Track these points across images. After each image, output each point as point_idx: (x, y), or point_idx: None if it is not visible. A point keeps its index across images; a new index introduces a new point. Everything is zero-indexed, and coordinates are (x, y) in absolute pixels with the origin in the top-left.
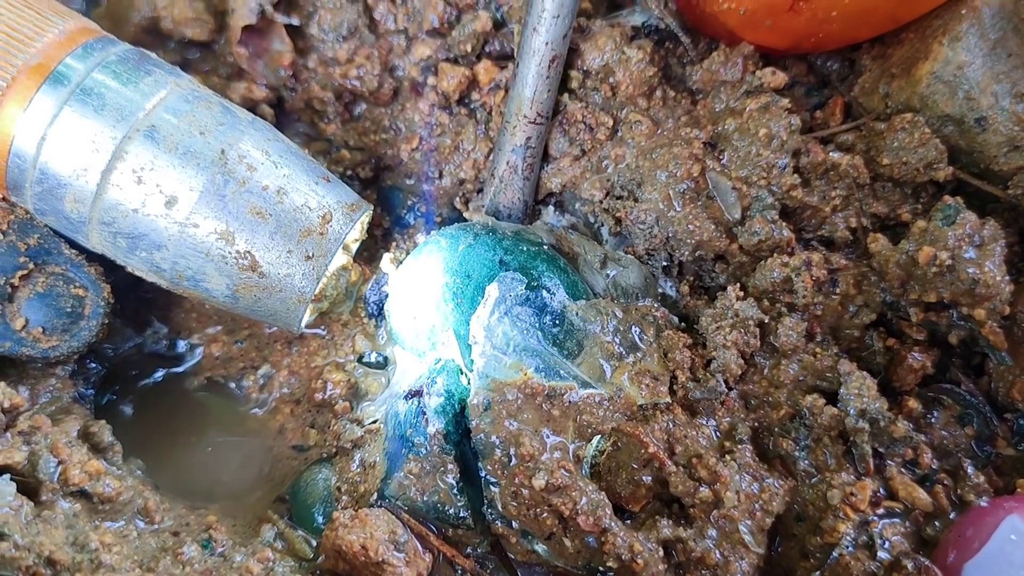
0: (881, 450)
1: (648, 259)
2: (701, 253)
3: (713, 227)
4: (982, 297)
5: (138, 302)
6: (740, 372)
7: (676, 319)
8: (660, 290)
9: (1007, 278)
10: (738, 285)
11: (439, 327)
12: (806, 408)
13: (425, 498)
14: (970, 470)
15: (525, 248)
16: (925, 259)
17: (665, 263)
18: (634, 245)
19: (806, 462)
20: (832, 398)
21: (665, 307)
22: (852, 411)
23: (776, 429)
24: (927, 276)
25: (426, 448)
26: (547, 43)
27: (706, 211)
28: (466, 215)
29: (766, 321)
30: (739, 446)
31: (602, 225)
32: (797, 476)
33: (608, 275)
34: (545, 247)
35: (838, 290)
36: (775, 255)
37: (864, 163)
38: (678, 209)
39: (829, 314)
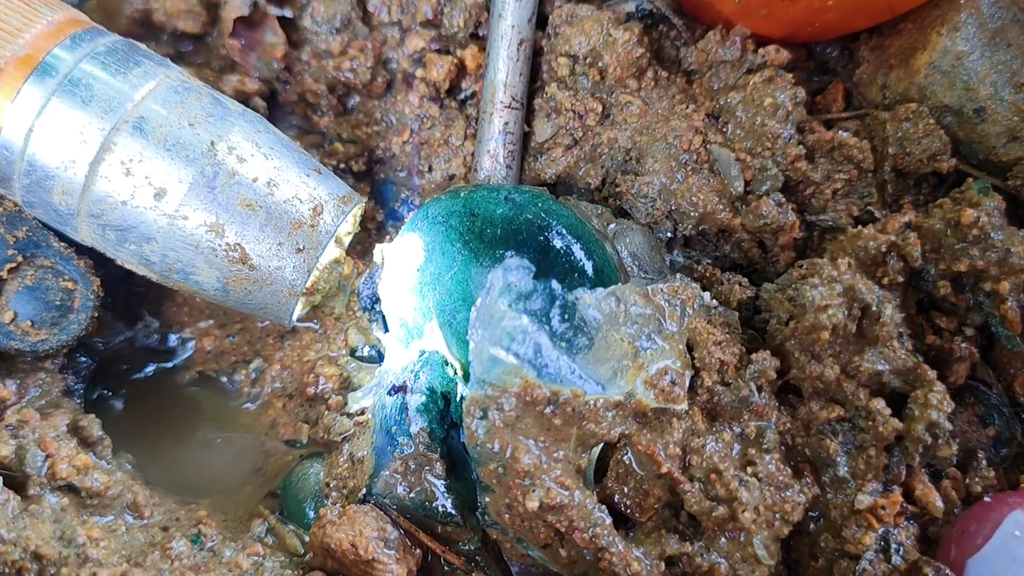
0: (918, 464)
1: (652, 230)
2: (704, 227)
3: (716, 200)
4: (1012, 269)
5: (129, 296)
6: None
7: (708, 296)
8: (668, 259)
9: None
10: (847, 259)
11: (440, 269)
12: (867, 413)
13: (412, 495)
14: (983, 464)
15: (527, 189)
16: (968, 219)
17: (670, 234)
18: (637, 219)
19: (844, 469)
20: (895, 402)
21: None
22: (923, 423)
23: (817, 429)
24: (961, 243)
25: (410, 447)
26: (513, 26)
27: (709, 184)
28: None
29: (874, 306)
30: (763, 455)
31: (601, 213)
32: (825, 482)
33: (616, 246)
34: (545, 193)
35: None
36: (868, 227)
37: (869, 149)
38: (680, 181)
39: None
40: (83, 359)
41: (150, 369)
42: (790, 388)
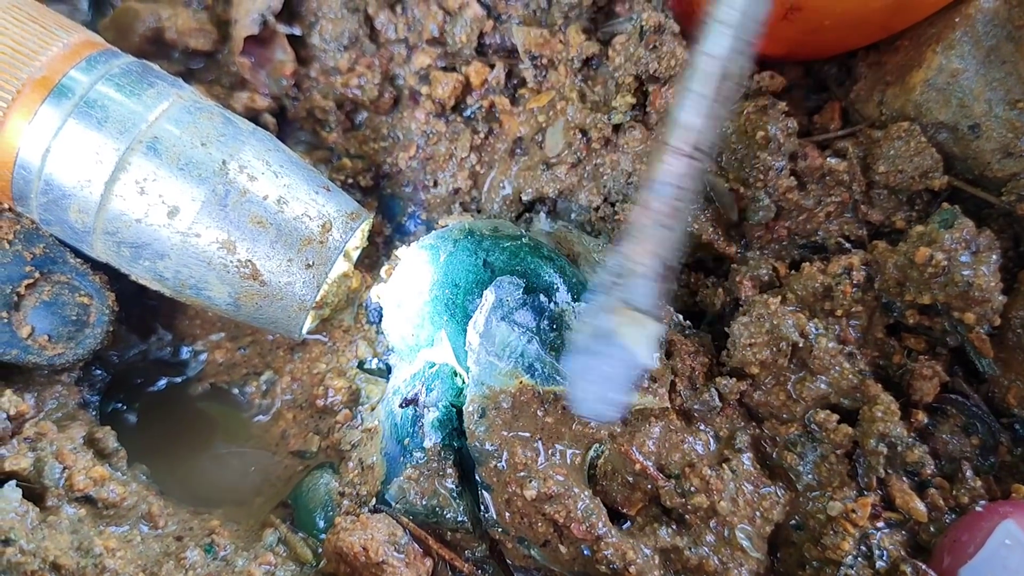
0: (891, 471)
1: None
2: (700, 255)
3: (711, 228)
4: (974, 301)
5: (143, 310)
6: (743, 388)
7: (682, 318)
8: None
9: (1000, 287)
10: (779, 297)
11: (431, 333)
12: (817, 425)
13: (424, 502)
14: (968, 474)
15: (507, 245)
16: (921, 258)
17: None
18: None
19: (810, 476)
20: (847, 416)
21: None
22: (873, 436)
23: (781, 441)
24: (922, 277)
25: (424, 455)
26: (715, 57)
27: (704, 212)
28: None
29: (801, 342)
30: (738, 455)
31: (600, 233)
32: (798, 489)
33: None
34: (525, 239)
35: (870, 293)
36: (812, 264)
37: (861, 170)
38: None
39: (863, 319)
40: (98, 372)
41: (163, 382)
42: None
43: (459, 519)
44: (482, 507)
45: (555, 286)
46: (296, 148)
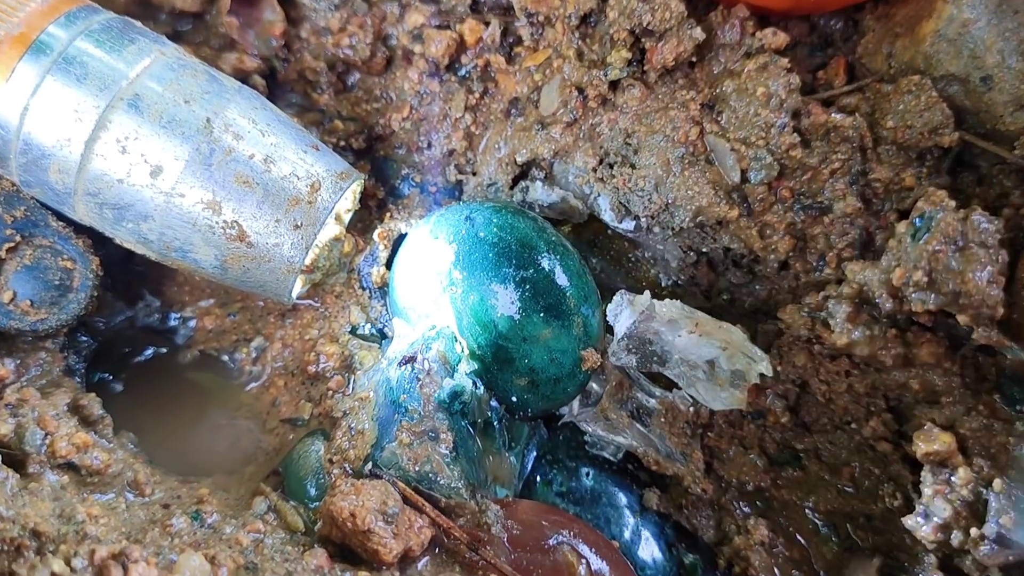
0: None
1: (649, 230)
2: (702, 219)
3: (712, 192)
4: (967, 306)
5: (129, 276)
6: None
7: None
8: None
9: (995, 282)
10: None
11: (436, 297)
12: None
13: (417, 468)
14: None
15: (490, 204)
16: (899, 280)
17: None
18: (633, 212)
19: None
20: None
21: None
22: None
23: None
24: (908, 293)
25: (419, 413)
26: None
27: (705, 175)
28: None
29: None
30: None
31: (598, 196)
32: None
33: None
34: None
35: None
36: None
37: (868, 126)
38: (677, 174)
39: None
40: (84, 338)
41: (151, 352)
42: None
43: (453, 485)
44: None
45: (535, 242)
46: (287, 110)
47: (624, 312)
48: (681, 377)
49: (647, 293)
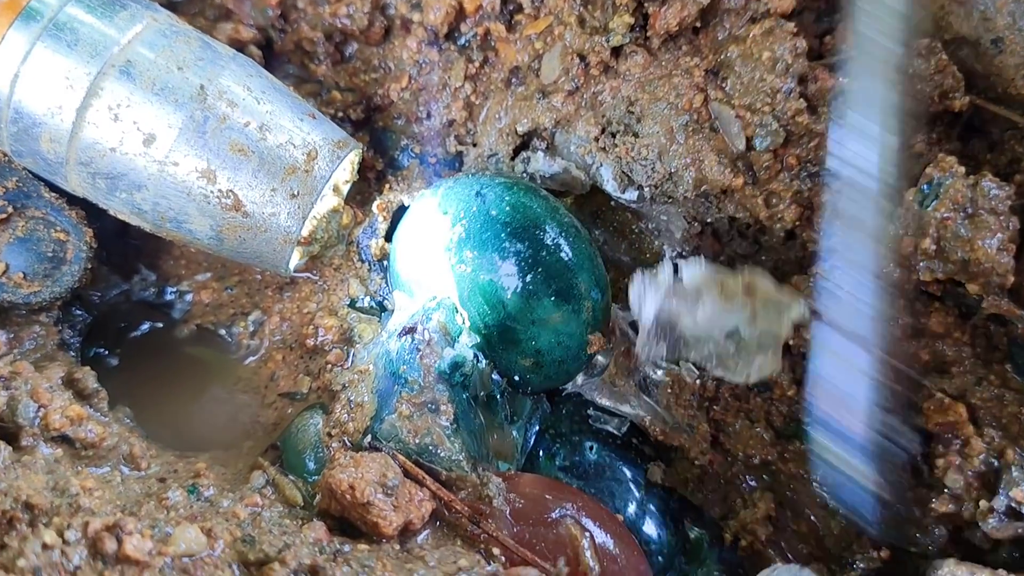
0: None
1: (652, 200)
2: (706, 188)
3: (717, 160)
4: (976, 274)
5: (125, 249)
6: None
7: None
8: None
9: (1005, 249)
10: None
11: (443, 272)
12: None
13: (417, 440)
14: None
15: (502, 180)
16: (906, 249)
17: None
18: (636, 182)
19: None
20: None
21: None
22: None
23: None
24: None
25: (419, 384)
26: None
27: (709, 143)
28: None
29: None
30: None
31: (600, 165)
32: None
33: None
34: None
35: None
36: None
37: None
38: (680, 142)
39: None
40: (79, 312)
41: (147, 326)
42: None
43: (453, 457)
44: None
45: (547, 224)
46: (284, 81)
47: (648, 294)
48: (708, 359)
49: (667, 262)
